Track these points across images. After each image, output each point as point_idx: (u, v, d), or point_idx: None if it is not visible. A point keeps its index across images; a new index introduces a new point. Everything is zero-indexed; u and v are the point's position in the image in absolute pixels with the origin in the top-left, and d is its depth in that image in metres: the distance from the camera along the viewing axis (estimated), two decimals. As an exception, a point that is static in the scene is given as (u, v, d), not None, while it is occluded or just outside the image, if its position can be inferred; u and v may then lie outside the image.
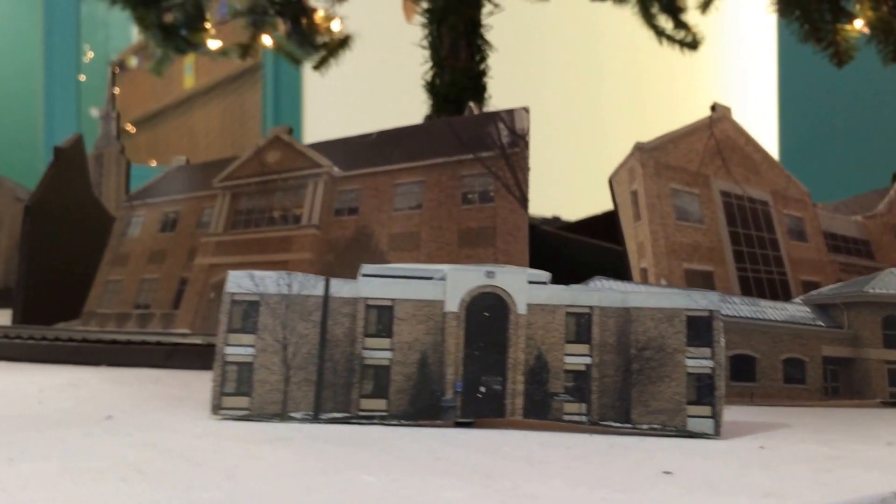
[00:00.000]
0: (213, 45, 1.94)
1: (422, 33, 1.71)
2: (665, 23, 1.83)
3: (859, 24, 1.51)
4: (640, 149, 0.91)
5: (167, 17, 1.79)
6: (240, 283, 0.60)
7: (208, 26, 1.85)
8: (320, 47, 1.90)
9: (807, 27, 1.50)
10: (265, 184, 1.15)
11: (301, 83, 3.52)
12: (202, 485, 0.42)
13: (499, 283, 0.59)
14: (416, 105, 1.71)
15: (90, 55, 3.68)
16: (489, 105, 1.66)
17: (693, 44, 1.82)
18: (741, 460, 0.50)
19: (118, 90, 1.85)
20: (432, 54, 1.68)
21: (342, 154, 1.10)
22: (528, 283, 0.59)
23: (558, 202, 2.00)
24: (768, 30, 3.65)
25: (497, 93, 1.69)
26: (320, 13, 1.90)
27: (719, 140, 0.98)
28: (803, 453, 0.52)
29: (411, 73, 1.75)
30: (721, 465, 0.49)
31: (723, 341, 0.58)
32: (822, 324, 0.74)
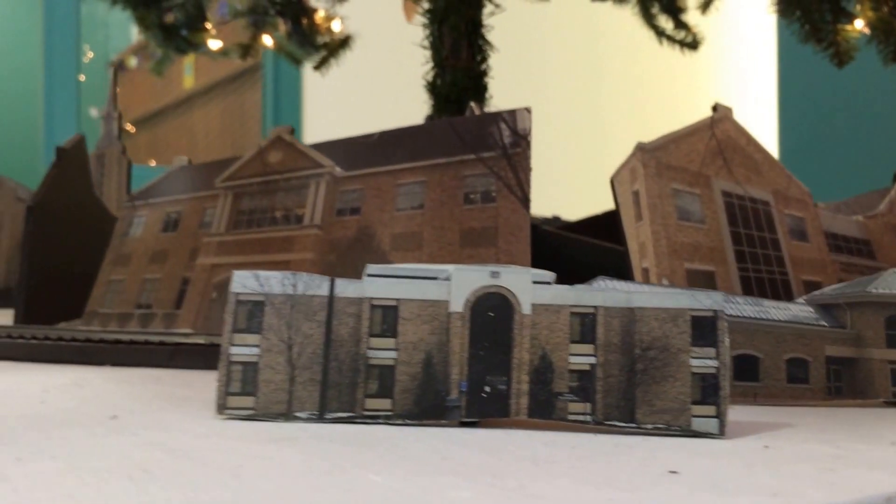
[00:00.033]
0: (214, 45, 1.93)
1: (423, 33, 1.70)
2: (665, 23, 1.83)
3: (860, 25, 1.51)
4: (642, 149, 0.91)
5: (168, 17, 1.79)
6: (245, 283, 0.60)
7: (209, 26, 1.85)
8: (321, 47, 1.90)
9: (807, 27, 1.50)
10: (267, 184, 1.15)
11: (301, 83, 3.51)
12: (208, 484, 0.42)
13: (503, 283, 0.59)
14: (416, 105, 1.71)
15: (90, 55, 3.68)
16: (490, 105, 1.66)
17: (693, 44, 1.82)
18: (746, 460, 0.50)
19: (119, 90, 1.85)
20: (433, 54, 1.68)
21: (344, 154, 1.10)
22: (533, 283, 0.59)
23: (559, 202, 2.00)
24: (768, 30, 3.65)
25: (498, 93, 1.69)
26: (321, 13, 1.90)
27: (721, 140, 0.98)
28: (807, 453, 0.52)
29: (412, 73, 1.75)
30: (726, 464, 0.49)
31: (727, 341, 0.58)
32: (825, 324, 0.74)
